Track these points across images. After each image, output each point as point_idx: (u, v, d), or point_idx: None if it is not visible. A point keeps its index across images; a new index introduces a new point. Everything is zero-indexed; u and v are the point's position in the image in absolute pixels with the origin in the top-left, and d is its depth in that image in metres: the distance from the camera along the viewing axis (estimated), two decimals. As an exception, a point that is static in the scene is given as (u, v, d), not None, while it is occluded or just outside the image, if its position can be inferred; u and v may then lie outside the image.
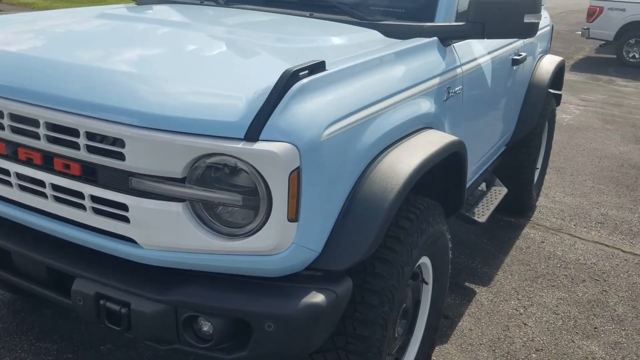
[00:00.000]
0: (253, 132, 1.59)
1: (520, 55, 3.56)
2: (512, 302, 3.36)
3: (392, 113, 2.05)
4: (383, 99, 2.00)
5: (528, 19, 2.45)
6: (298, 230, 1.67)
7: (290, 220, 1.64)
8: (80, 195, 1.78)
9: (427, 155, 2.03)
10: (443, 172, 2.35)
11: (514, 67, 3.54)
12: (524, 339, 3.03)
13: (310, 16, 2.69)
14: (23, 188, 1.90)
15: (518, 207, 4.37)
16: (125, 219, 1.73)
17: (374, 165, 1.91)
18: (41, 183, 1.85)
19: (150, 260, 1.76)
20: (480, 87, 2.96)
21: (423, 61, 2.37)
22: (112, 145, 1.68)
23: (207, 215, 1.69)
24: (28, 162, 1.86)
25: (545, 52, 4.48)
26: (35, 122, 1.79)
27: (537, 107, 3.95)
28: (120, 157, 1.67)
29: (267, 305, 1.69)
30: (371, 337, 1.93)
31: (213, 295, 1.71)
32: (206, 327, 1.75)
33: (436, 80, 2.40)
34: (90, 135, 1.71)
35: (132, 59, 2.00)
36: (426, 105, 2.29)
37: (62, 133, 1.75)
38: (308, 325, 1.70)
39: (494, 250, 3.93)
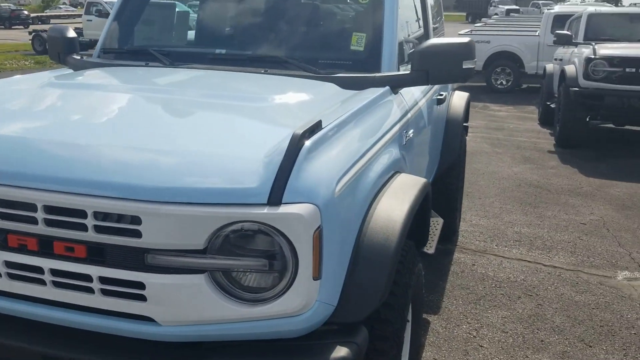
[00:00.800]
0: (275, 196, 1.62)
1: (442, 95, 3.85)
2: (464, 326, 3.55)
3: (375, 162, 2.16)
4: (368, 150, 2.11)
5: (466, 64, 2.69)
6: (320, 288, 1.71)
7: (315, 278, 1.68)
8: (86, 278, 1.70)
9: (412, 200, 2.15)
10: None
11: (438, 106, 3.81)
12: (484, 360, 3.22)
13: (265, 72, 2.76)
14: (14, 277, 1.78)
15: (446, 234, 4.63)
16: (141, 298, 1.68)
17: (370, 215, 2.00)
18: (38, 269, 1.74)
19: (171, 337, 1.71)
20: (421, 127, 3.16)
21: (386, 110, 2.52)
22: (127, 223, 1.63)
23: (229, 283, 1.68)
24: (21, 249, 1.75)
25: (453, 89, 4.85)
26: (31, 206, 1.69)
27: (457, 140, 4.26)
28: (136, 234, 1.63)
29: None
30: (384, 382, 1.99)
31: (242, 363, 1.69)
32: None
33: (397, 127, 2.56)
34: (99, 215, 1.65)
35: (125, 131, 1.95)
36: (395, 151, 2.43)
37: (65, 215, 1.67)
38: None
39: (434, 278, 4.14)
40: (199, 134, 1.94)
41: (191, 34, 3.57)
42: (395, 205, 2.07)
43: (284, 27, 3.17)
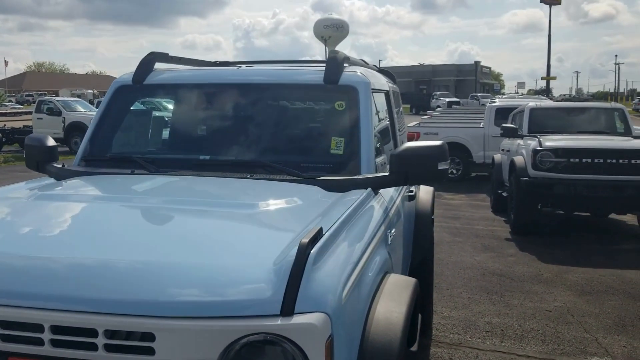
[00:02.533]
0: (288, 307, 1.66)
1: (412, 191, 4.01)
2: (449, 423, 3.52)
3: (370, 264, 2.23)
4: (363, 253, 2.19)
5: (441, 166, 2.85)
6: (334, 396, 1.71)
7: (327, 387, 1.69)
8: (94, 400, 1.66)
9: (408, 301, 2.21)
10: None
11: (409, 202, 3.96)
12: None
13: (251, 177, 2.84)
14: (13, 402, 1.72)
15: (422, 329, 4.65)
16: (151, 417, 1.64)
17: (370, 318, 2.04)
18: (41, 395, 1.69)
19: None
20: (398, 225, 3.27)
21: (372, 212, 2.62)
22: (140, 341, 1.63)
23: (245, 397, 1.67)
24: (22, 373, 1.70)
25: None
26: (37, 327, 1.67)
27: (428, 233, 4.39)
28: (149, 352, 1.62)
29: None
30: None
31: None
32: None
33: (383, 228, 2.66)
34: (110, 334, 1.64)
35: (130, 245, 1.97)
36: (383, 252, 2.51)
37: (74, 335, 1.65)
38: None
39: (413, 374, 4.11)
40: (203, 245, 1.98)
41: (169, 139, 3.66)
42: (393, 307, 2.13)
43: (265, 131, 3.30)
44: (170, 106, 3.97)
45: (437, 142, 2.88)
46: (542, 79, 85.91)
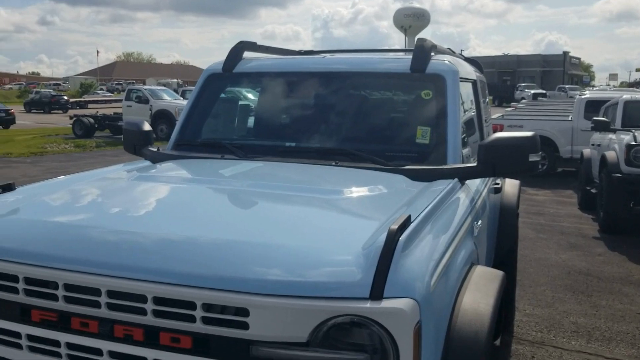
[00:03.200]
0: (377, 291, 1.68)
1: (498, 184, 3.92)
2: (531, 421, 3.44)
3: (457, 255, 2.21)
4: (450, 243, 2.17)
5: (532, 157, 2.77)
6: (419, 381, 1.72)
7: (414, 372, 1.70)
8: (192, 369, 1.75)
9: (496, 293, 2.18)
10: None
11: (494, 195, 3.88)
12: None
13: (336, 165, 2.88)
14: (117, 366, 1.84)
15: (503, 325, 4.55)
16: (244, 390, 1.71)
17: (457, 309, 2.03)
18: (142, 360, 1.80)
19: None
20: (484, 217, 3.22)
21: (459, 202, 2.60)
22: (235, 315, 1.70)
23: (328, 376, 1.71)
24: (126, 339, 1.81)
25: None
26: (141, 298, 1.77)
27: (512, 227, 4.29)
28: (244, 326, 1.69)
29: None
30: None
31: None
32: None
33: (469, 219, 2.62)
34: (207, 307, 1.72)
35: (225, 224, 2.06)
36: (470, 243, 2.48)
37: (174, 307, 1.75)
38: None
39: (494, 369, 4.04)
40: (293, 227, 2.03)
41: (256, 126, 3.76)
42: (480, 298, 2.10)
43: (350, 120, 3.33)
44: (251, 95, 4.07)
45: (529, 133, 2.80)
46: (637, 70, 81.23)
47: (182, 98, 24.66)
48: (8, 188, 2.44)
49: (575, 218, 9.36)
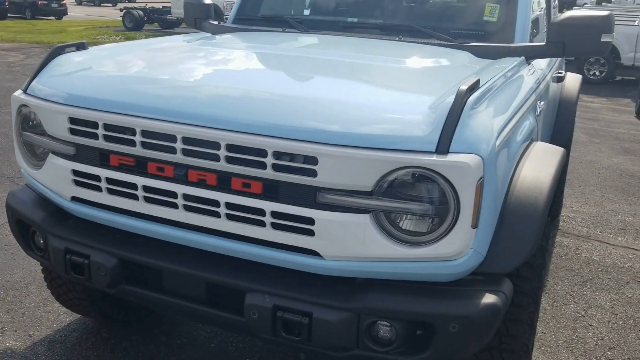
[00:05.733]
0: (443, 145, 1.71)
1: (562, 73, 3.82)
2: (571, 305, 3.55)
3: (521, 125, 2.22)
4: (515, 113, 2.17)
5: (604, 38, 2.67)
6: (475, 237, 1.79)
7: (473, 227, 1.76)
8: (260, 212, 1.86)
9: (557, 165, 2.20)
10: None
11: (556, 84, 3.79)
12: (595, 338, 3.21)
13: (400, 40, 2.85)
14: (190, 209, 1.96)
15: (552, 212, 4.59)
16: (310, 233, 1.81)
17: (518, 173, 2.07)
18: (214, 203, 1.91)
19: (333, 270, 1.84)
20: (547, 101, 3.17)
21: (524, 79, 2.56)
22: (304, 163, 1.77)
23: (390, 225, 1.79)
24: (200, 184, 1.92)
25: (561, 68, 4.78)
26: (214, 145, 1.86)
27: (570, 120, 4.21)
28: (312, 173, 1.76)
29: (453, 307, 1.79)
30: (522, 336, 2.06)
31: (399, 300, 1.80)
32: (385, 332, 1.84)
33: (533, 97, 2.59)
34: (278, 155, 1.80)
35: (299, 84, 2.10)
36: (532, 120, 2.47)
37: (246, 154, 1.83)
38: (488, 325, 1.82)
39: (538, 258, 4.12)
40: (362, 86, 2.06)
41: (316, 1, 3.69)
42: (541, 167, 2.13)
43: (414, -3, 3.24)
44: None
45: (604, 12, 2.68)
46: None
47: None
48: (82, 47, 2.51)
49: (631, 125, 9.09)
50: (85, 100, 2.07)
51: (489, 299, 1.82)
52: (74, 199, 2.17)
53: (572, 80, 4.48)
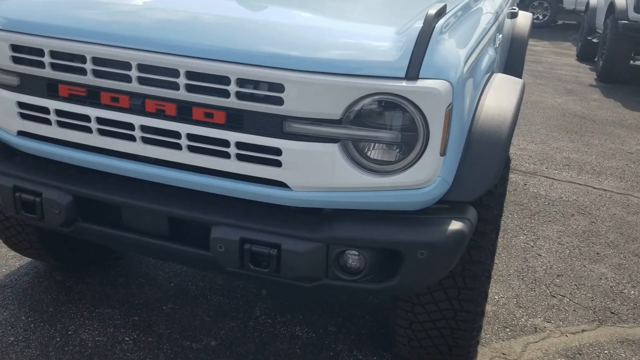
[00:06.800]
0: (413, 71, 1.67)
1: (515, 9, 3.82)
2: (521, 237, 3.67)
3: (484, 54, 2.21)
4: (479, 42, 2.15)
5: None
6: (443, 165, 1.79)
7: (441, 154, 1.76)
8: (224, 143, 1.79)
9: (518, 94, 2.21)
10: None
11: (510, 20, 3.79)
12: (544, 267, 3.35)
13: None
14: (149, 141, 1.87)
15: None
16: (277, 163, 1.76)
17: (482, 102, 2.06)
18: (175, 134, 1.82)
19: (301, 202, 1.81)
20: (502, 35, 3.17)
21: (485, 10, 2.54)
22: (270, 91, 1.70)
23: (358, 154, 1.76)
24: (158, 114, 1.82)
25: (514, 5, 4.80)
26: (173, 72, 1.76)
27: (522, 57, 4.25)
28: (279, 102, 1.70)
29: (421, 234, 1.80)
30: (484, 262, 2.10)
31: (367, 229, 1.80)
32: (354, 260, 1.84)
33: (494, 28, 2.58)
34: (242, 82, 1.72)
35: (263, 9, 1.99)
36: (492, 51, 2.46)
37: (208, 82, 1.74)
38: (454, 251, 1.84)
39: (488, 193, 4.23)
40: (331, 12, 1.99)
41: None
42: (504, 97, 2.13)
43: None
44: None
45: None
46: None
47: None
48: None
49: (573, 67, 9.34)
50: (28, 26, 1.92)
51: (455, 225, 1.83)
52: (21, 133, 2.04)
53: (524, 18, 4.50)
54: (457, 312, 2.11)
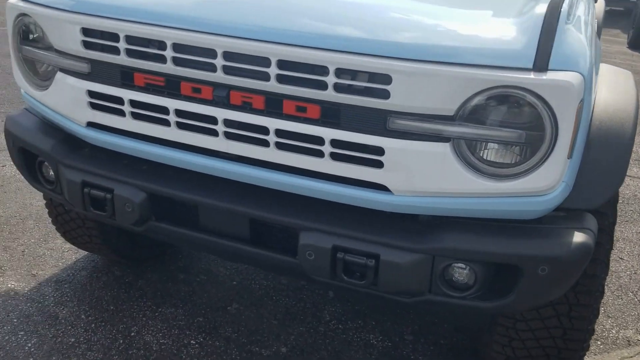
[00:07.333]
0: (541, 62, 1.46)
1: (596, -8, 3.53)
2: (598, 238, 3.42)
3: (596, 44, 1.98)
4: (591, 29, 1.92)
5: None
6: (568, 169, 1.57)
7: (569, 157, 1.54)
8: (317, 140, 1.60)
9: (633, 87, 1.98)
10: None
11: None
12: (628, 272, 3.10)
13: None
14: (232, 136, 1.69)
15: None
16: (378, 164, 1.57)
17: (597, 99, 1.84)
18: (262, 130, 1.64)
19: (403, 207, 1.61)
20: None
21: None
22: (374, 83, 1.50)
23: (473, 155, 1.56)
24: (244, 107, 1.64)
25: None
26: (263, 61, 1.57)
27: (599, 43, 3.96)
28: (384, 95, 1.50)
29: (542, 247, 1.58)
30: (599, 276, 1.88)
31: (481, 240, 1.59)
32: (462, 275, 1.64)
33: (593, 12, 2.33)
34: (342, 73, 1.52)
35: None
36: (598, 42, 2.23)
37: (302, 72, 1.55)
38: (579, 267, 1.62)
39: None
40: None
41: None
42: (619, 90, 1.92)
43: None
44: None
45: None
46: None
47: None
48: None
49: (626, 56, 8.95)
50: (102, 8, 1.75)
51: (579, 237, 1.61)
52: (90, 124, 1.88)
53: (600, 3, 4.20)
54: (567, 330, 1.90)
